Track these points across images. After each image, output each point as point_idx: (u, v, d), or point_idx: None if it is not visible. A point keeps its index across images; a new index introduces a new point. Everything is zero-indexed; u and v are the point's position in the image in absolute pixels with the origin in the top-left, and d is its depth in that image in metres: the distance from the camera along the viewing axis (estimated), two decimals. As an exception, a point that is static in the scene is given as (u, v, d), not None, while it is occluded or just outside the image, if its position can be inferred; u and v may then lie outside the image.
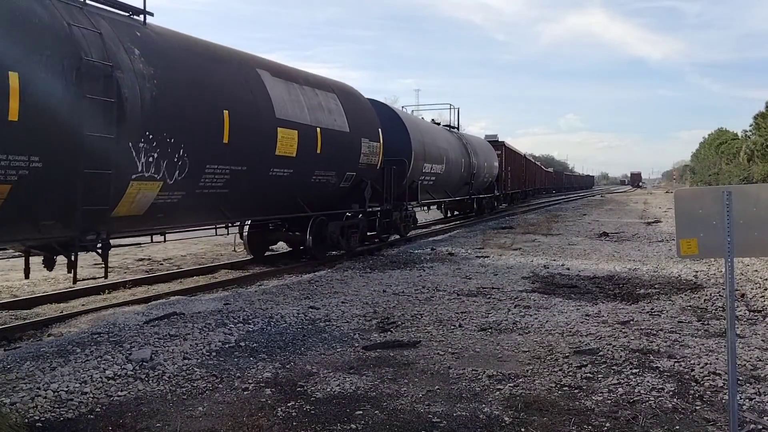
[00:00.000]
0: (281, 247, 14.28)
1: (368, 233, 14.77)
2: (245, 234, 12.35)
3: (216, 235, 10.91)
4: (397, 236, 16.54)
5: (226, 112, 8.82)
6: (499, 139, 31.39)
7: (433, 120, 21.94)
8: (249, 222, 11.98)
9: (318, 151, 11.34)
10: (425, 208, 21.56)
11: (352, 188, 13.19)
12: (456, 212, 27.35)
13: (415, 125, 17.31)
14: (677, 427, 4.34)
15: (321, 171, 11.70)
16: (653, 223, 23.78)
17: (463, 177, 21.91)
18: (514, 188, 35.45)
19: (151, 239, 9.64)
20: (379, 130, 13.97)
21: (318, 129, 11.35)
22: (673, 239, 5.60)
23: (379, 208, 14.51)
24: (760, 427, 4.31)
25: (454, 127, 23.27)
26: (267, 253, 13.38)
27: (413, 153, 16.10)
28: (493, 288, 9.61)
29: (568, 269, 11.63)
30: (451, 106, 24.10)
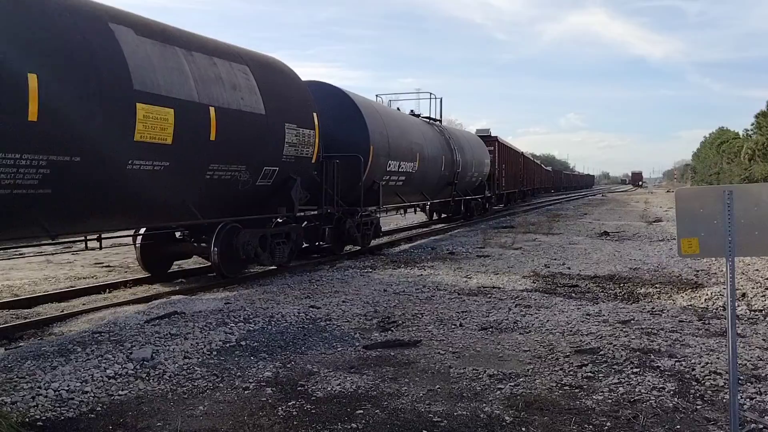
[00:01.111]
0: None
1: (319, 244, 12.85)
2: (137, 245, 10.18)
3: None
4: (355, 248, 14.03)
5: (32, 77, 6.22)
6: (493, 134, 29.11)
7: (412, 111, 19.53)
8: (143, 230, 9.92)
9: (212, 138, 8.59)
10: (401, 212, 18.64)
11: (277, 187, 10.57)
12: (443, 215, 24.59)
13: (376, 115, 14.34)
14: (678, 427, 4.34)
15: (221, 165, 9.00)
16: (654, 222, 23.76)
17: (444, 176, 19.24)
18: (510, 188, 32.95)
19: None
20: (315, 114, 11.26)
21: (212, 108, 8.60)
22: (674, 239, 5.59)
23: (315, 212, 12.12)
24: (761, 426, 4.31)
25: (436, 120, 20.64)
26: (176, 269, 11.15)
27: (372, 148, 13.37)
28: (493, 287, 9.61)
29: (569, 268, 11.63)
30: (432, 96, 21.23)
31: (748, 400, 4.81)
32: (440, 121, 21.15)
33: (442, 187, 19.76)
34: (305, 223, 12.29)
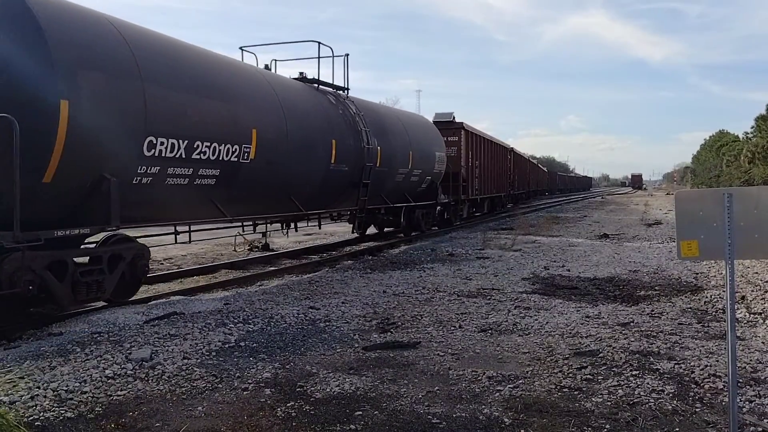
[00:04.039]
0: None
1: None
2: None
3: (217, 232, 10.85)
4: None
5: None
6: (458, 119, 21.73)
7: (301, 74, 12.93)
8: None
9: None
10: (322, 223, 13.14)
11: None
12: (387, 228, 18.47)
13: (109, 41, 7.38)
14: (677, 429, 4.34)
15: None
16: (654, 224, 23.76)
17: (340, 174, 12.55)
18: (489, 191, 25.91)
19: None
20: None
21: None
22: (674, 241, 5.60)
23: None
24: (760, 429, 4.31)
25: (339, 87, 13.89)
26: None
27: (67, 105, 6.46)
28: (493, 289, 9.61)
29: (569, 270, 11.62)
30: (325, 51, 12.97)
31: (747, 402, 4.81)
32: (347, 90, 14.20)
33: (341, 191, 13.11)
34: None
